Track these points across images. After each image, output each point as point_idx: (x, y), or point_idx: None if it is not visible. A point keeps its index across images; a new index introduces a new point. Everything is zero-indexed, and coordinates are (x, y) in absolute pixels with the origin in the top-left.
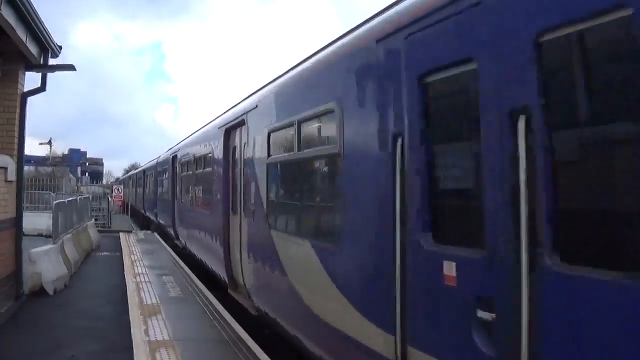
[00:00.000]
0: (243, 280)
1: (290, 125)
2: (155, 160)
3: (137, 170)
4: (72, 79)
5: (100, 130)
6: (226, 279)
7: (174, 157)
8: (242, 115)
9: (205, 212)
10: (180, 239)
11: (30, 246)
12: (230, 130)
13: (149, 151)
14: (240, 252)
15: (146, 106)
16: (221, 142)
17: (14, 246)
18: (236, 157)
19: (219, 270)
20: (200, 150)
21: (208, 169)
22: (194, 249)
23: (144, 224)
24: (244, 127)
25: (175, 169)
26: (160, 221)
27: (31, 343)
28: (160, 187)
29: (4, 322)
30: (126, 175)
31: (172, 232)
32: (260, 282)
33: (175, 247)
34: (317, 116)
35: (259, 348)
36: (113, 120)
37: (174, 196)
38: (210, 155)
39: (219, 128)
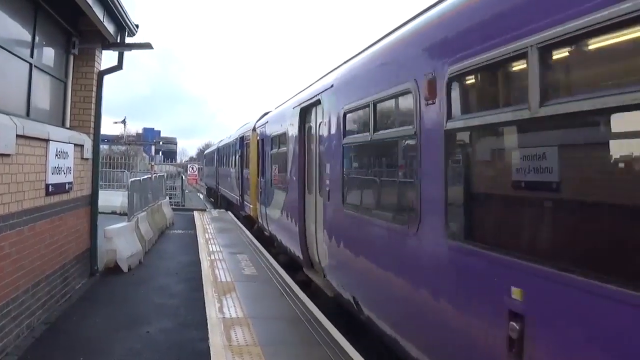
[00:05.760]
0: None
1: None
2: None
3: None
4: (145, 57)
5: (175, 110)
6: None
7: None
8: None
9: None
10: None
11: (105, 224)
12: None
13: (223, 130)
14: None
15: (219, 84)
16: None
17: (89, 223)
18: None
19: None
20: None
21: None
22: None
23: (218, 202)
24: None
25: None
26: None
27: (106, 319)
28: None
29: (79, 297)
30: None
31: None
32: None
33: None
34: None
35: (334, 327)
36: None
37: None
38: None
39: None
